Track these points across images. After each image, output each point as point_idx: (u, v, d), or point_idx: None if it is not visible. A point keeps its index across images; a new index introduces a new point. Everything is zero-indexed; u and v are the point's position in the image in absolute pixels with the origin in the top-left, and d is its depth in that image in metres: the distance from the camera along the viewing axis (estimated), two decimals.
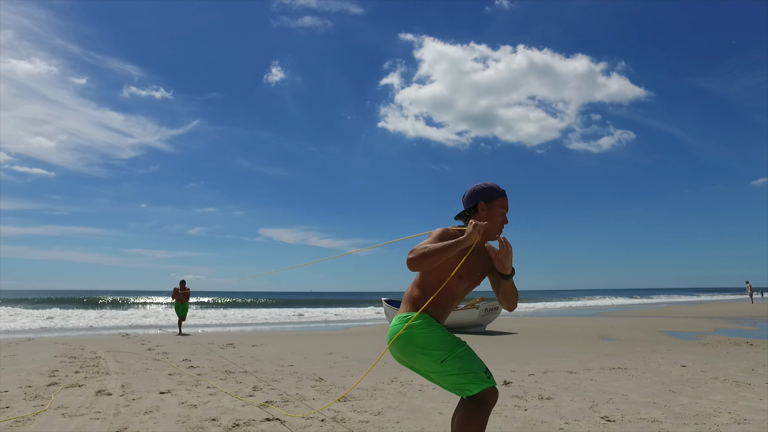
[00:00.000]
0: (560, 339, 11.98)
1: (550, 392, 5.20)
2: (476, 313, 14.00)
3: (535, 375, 6.42)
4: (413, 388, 5.53)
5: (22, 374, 6.49)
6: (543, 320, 20.00)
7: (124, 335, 12.92)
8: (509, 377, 6.21)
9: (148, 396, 5.02)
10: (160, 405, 4.61)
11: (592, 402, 4.70)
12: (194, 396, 5.04)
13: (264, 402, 4.73)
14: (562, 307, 35.50)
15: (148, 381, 5.93)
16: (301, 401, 4.83)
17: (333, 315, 24.95)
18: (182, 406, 4.59)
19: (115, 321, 18.92)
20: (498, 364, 7.52)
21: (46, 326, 16.53)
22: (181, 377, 6.24)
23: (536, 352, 9.22)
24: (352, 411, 4.41)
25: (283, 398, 4.93)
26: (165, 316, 20.90)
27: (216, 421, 4.02)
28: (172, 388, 5.44)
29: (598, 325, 17.04)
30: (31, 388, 5.48)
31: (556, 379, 6.11)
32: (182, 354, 8.77)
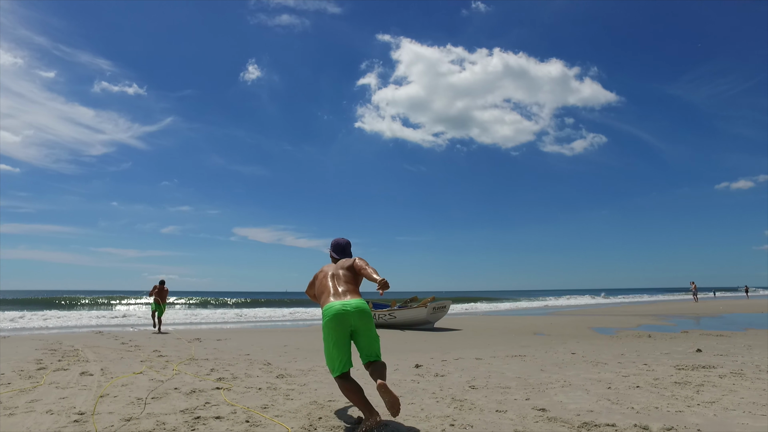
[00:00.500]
0: (495, 335, 13.53)
1: (446, 372, 6.64)
2: (425, 312, 15.46)
3: (448, 361, 7.85)
4: (466, 362, 6.88)
5: (11, 362, 7.59)
6: (492, 319, 21.65)
7: (98, 332, 13.90)
8: (423, 362, 7.63)
9: (123, 375, 6.24)
10: (134, 381, 5.85)
11: (472, 377, 6.15)
12: (162, 375, 6.29)
13: (217, 378, 6.02)
14: (526, 307, 37.43)
15: (123, 366, 7.13)
16: (248, 378, 6.13)
17: (303, 314, 26.10)
18: (152, 381, 5.84)
19: (87, 320, 19.71)
20: (423, 353, 8.95)
21: (17, 326, 17.26)
22: (152, 363, 7.45)
23: (463, 345, 10.71)
24: (285, 384, 5.74)
25: (233, 376, 6.22)
26: (137, 317, 21.74)
27: (177, 390, 5.30)
28: (143, 371, 6.68)
29: (540, 323, 18.73)
30: (24, 372, 6.63)
31: (462, 364, 7.55)
32: (153, 346, 9.93)
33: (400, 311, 15.92)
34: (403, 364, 7.39)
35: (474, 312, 29.89)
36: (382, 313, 16.19)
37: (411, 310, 15.75)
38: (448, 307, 16.47)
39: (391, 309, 16.23)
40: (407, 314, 15.74)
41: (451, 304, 17.09)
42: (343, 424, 3.94)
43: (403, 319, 15.80)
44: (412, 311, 15.70)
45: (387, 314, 16.06)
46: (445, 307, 16.27)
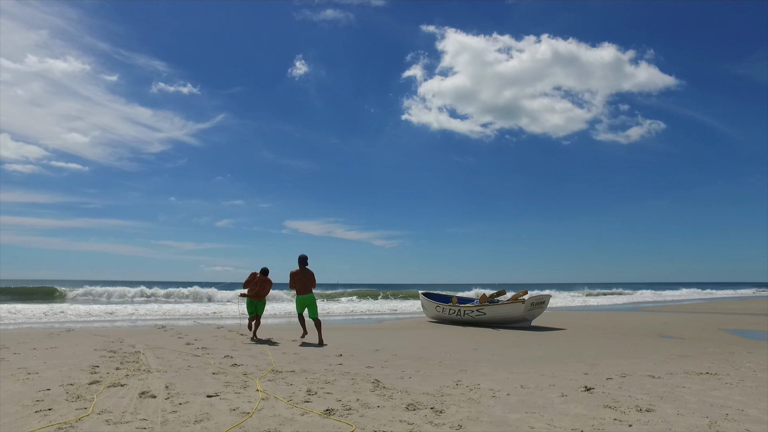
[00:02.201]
0: (615, 336, 11.19)
1: (646, 402, 4.54)
2: (522, 308, 13.29)
3: (614, 379, 5.75)
4: (484, 393, 4.94)
5: (64, 369, 6.18)
6: (580, 315, 19.11)
7: (160, 327, 12.71)
8: (587, 381, 5.56)
9: (195, 400, 4.58)
10: (209, 412, 4.15)
11: (707, 418, 4.03)
12: (245, 401, 4.58)
13: (324, 410, 4.22)
14: (598, 303, 34.28)
15: (192, 381, 5.51)
16: (365, 409, 4.30)
17: (362, 308, 24.53)
18: (234, 413, 4.12)
19: (150, 312, 18.91)
20: (564, 365, 6.86)
21: (86, 316, 16.56)
22: (227, 377, 5.80)
23: (600, 351, 8.51)
24: (427, 423, 3.86)
25: (343, 405, 4.41)
26: (201, 311, 20.82)
27: None
28: (219, 391, 5.00)
29: (649, 320, 16.08)
30: (73, 386, 5.13)
31: (641, 384, 5.42)
32: (223, 349, 8.40)
33: (491, 307, 13.81)
34: (563, 384, 5.35)
35: (554, 306, 27.24)
36: (469, 309, 14.14)
37: (505, 306, 13.61)
38: (548, 303, 14.20)
39: (480, 305, 14.15)
40: (500, 310, 13.62)
41: (551, 298, 14.81)
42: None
43: (495, 316, 13.69)
44: (507, 307, 13.56)
45: (475, 310, 14.00)
46: (545, 303, 14.01)
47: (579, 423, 3.87)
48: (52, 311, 17.27)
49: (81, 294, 31.14)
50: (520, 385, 5.41)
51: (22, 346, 8.46)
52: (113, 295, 30.06)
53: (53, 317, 15.70)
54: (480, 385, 5.37)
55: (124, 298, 29.50)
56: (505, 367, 6.72)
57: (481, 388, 5.20)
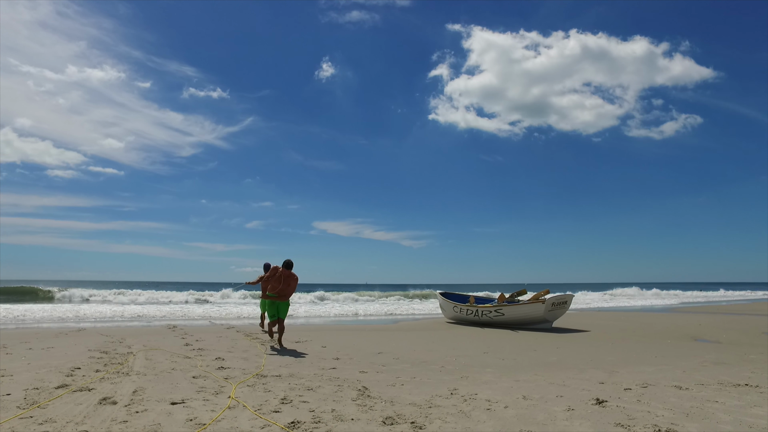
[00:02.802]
0: (643, 339, 10.33)
1: (667, 421, 3.88)
2: (542, 308, 12.53)
3: (633, 390, 5.06)
4: (478, 405, 4.36)
5: (42, 371, 5.91)
6: (614, 316, 18.06)
7: (171, 327, 12.53)
8: (600, 392, 4.90)
9: (155, 408, 4.17)
10: (162, 422, 3.72)
11: None
12: (209, 409, 4.14)
13: (289, 423, 3.73)
14: (632, 304, 32.78)
15: (166, 386, 5.12)
16: (337, 422, 3.79)
17: (385, 308, 24.04)
18: (188, 424, 3.68)
19: (171, 312, 18.92)
20: (578, 372, 6.19)
21: (107, 315, 16.64)
22: (205, 381, 5.40)
23: (622, 356, 7.75)
24: None
25: (314, 417, 3.92)
26: (215, 311, 20.76)
27: None
28: (187, 397, 4.59)
29: (682, 322, 15.00)
30: (37, 391, 4.82)
31: (665, 397, 4.73)
32: (219, 351, 8.04)
33: (510, 307, 13.09)
34: (571, 395, 4.71)
35: (577, 306, 26.06)
36: (486, 309, 13.45)
37: (524, 306, 12.87)
38: (570, 303, 13.37)
39: (498, 304, 13.44)
40: (519, 311, 12.89)
41: (573, 297, 13.95)
42: None
43: (514, 317, 12.96)
44: (526, 307, 12.82)
45: (493, 310, 13.30)
46: (566, 303, 13.19)
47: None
48: (78, 312, 17.44)
49: (111, 295, 31.75)
50: (523, 395, 4.80)
51: (20, 346, 8.31)
52: (141, 297, 30.51)
53: (75, 317, 15.80)
54: (477, 395, 4.79)
55: (153, 298, 29.89)
56: (511, 374, 6.10)
57: (477, 399, 4.62)
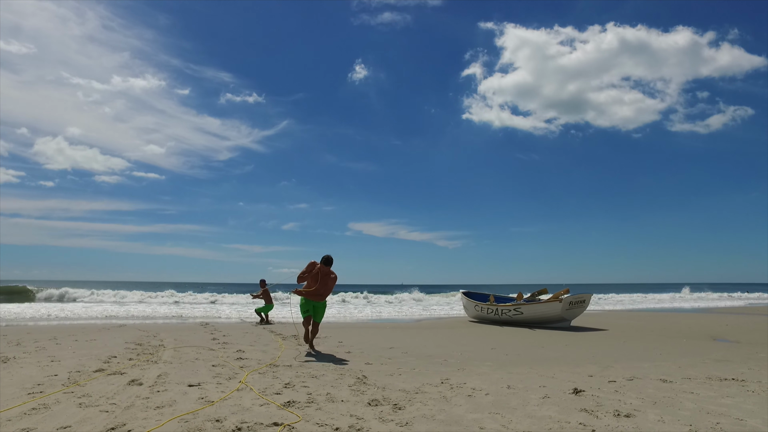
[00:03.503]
0: (658, 338, 10.36)
1: (630, 407, 4.17)
2: (559, 307, 12.66)
3: (618, 382, 5.33)
4: (461, 393, 4.76)
5: (83, 359, 6.67)
6: (637, 316, 17.83)
7: (203, 324, 13.37)
8: (583, 384, 5.19)
9: (174, 389, 4.77)
10: (178, 400, 4.31)
11: (689, 426, 3.63)
12: (220, 391, 4.71)
13: (285, 402, 4.25)
14: (671, 306, 31.90)
15: (187, 372, 5.75)
16: (328, 403, 4.28)
17: (410, 306, 24.42)
18: (199, 401, 4.25)
19: (206, 312, 19.94)
20: (573, 367, 6.46)
21: (147, 314, 17.77)
22: (223, 369, 6.00)
23: (624, 353, 7.92)
24: (376, 419, 3.78)
25: (309, 399, 4.42)
26: (251, 311, 21.68)
27: (220, 422, 3.60)
28: (204, 381, 5.18)
29: (709, 323, 14.73)
30: (78, 373, 5.53)
31: (644, 389, 4.99)
32: (241, 344, 8.69)
33: (528, 306, 13.27)
34: (553, 386, 5.04)
35: (608, 306, 25.66)
36: (506, 308, 13.67)
37: (541, 305, 13.04)
38: (588, 302, 13.43)
39: (517, 303, 13.64)
40: (537, 309, 13.06)
41: (591, 297, 13.98)
42: None
43: (532, 315, 13.14)
44: (543, 306, 12.98)
45: (512, 309, 13.51)
46: (585, 302, 13.26)
47: (537, 426, 3.62)
48: (122, 311, 18.66)
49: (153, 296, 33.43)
50: (508, 385, 5.15)
51: (68, 338, 9.22)
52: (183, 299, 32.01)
53: (119, 315, 16.97)
54: (465, 384, 5.18)
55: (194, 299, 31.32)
56: (507, 367, 6.44)
57: (463, 387, 5.01)
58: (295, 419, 3.71)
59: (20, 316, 15.26)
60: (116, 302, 25.10)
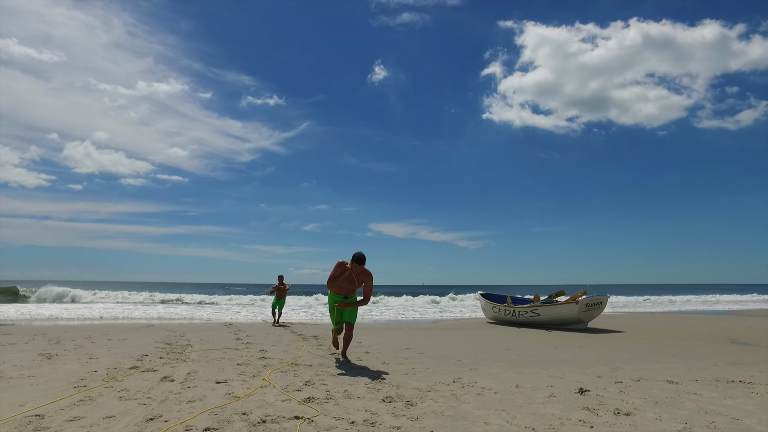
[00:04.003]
0: (674, 340, 10.41)
1: (631, 406, 4.38)
2: (576, 309, 12.77)
3: (624, 383, 5.52)
4: (471, 391, 5.02)
5: (118, 356, 7.14)
6: (658, 318, 17.72)
7: (227, 325, 13.88)
8: (589, 384, 5.40)
9: (203, 385, 5.15)
10: (207, 394, 4.68)
11: (684, 424, 3.83)
12: (245, 387, 5.07)
13: (305, 398, 4.58)
14: (696, 308, 31.40)
15: (214, 370, 6.14)
16: (345, 399, 4.60)
17: (428, 308, 24.64)
18: (227, 397, 4.61)
19: (227, 312, 20.55)
20: (584, 368, 6.65)
21: (172, 315, 18.43)
22: (247, 368, 6.38)
23: (636, 355, 8.05)
24: (389, 414, 4.08)
25: (328, 395, 4.74)
26: None
27: (246, 415, 3.95)
28: (230, 378, 5.56)
29: (731, 325, 14.61)
30: (115, 370, 5.97)
31: (648, 389, 5.17)
32: (264, 344, 9.09)
33: (544, 307, 13.41)
34: (560, 386, 5.26)
35: (621, 309, 25.44)
36: (523, 310, 13.83)
37: (558, 307, 13.16)
38: (605, 304, 13.49)
39: (534, 305, 13.79)
40: (554, 311, 13.19)
41: (609, 299, 14.03)
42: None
43: (549, 317, 13.28)
44: (560, 308, 13.10)
45: (529, 311, 13.66)
46: (601, 304, 13.33)
47: (538, 422, 3.87)
48: (150, 312, 19.38)
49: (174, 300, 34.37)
50: (516, 385, 5.39)
51: (102, 337, 9.78)
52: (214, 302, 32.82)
53: (147, 316, 17.66)
54: (476, 383, 5.43)
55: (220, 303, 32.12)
56: (518, 368, 6.66)
57: (474, 386, 5.27)
58: (314, 413, 4.03)
59: (55, 316, 16.06)
60: (142, 303, 26.00)
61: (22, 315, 16.37)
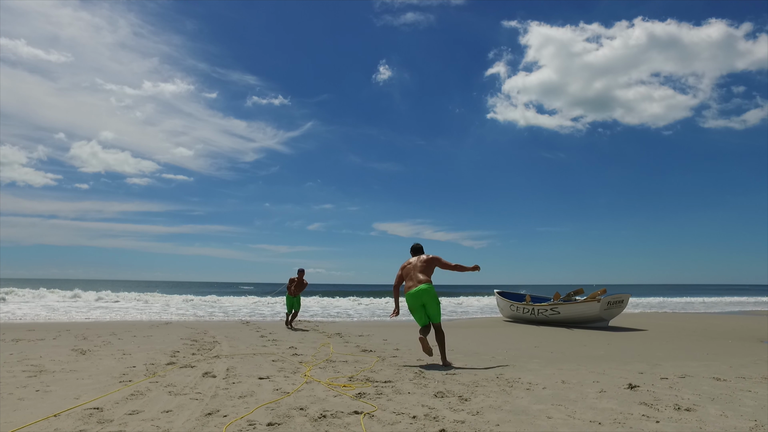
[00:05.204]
0: (702, 339, 10.31)
1: (690, 402, 4.30)
2: (597, 307, 12.67)
3: (670, 379, 5.44)
4: (519, 386, 4.96)
5: (151, 353, 7.11)
6: (678, 317, 17.61)
7: (245, 322, 13.84)
8: (636, 380, 5.32)
9: (247, 381, 5.11)
10: (255, 390, 4.63)
11: (754, 421, 3.75)
12: (290, 383, 5.02)
13: (356, 394, 4.53)
14: (711, 310, 31.21)
15: (251, 366, 6.10)
16: (396, 394, 4.54)
17: (452, 307, 24.55)
18: (276, 392, 4.56)
19: (239, 309, 20.53)
20: (622, 364, 6.57)
21: (183, 312, 18.42)
22: (283, 364, 6.33)
23: (670, 353, 7.97)
24: (447, 408, 4.02)
25: (377, 391, 4.69)
26: (282, 306, 22.20)
27: (304, 410, 3.89)
28: (271, 374, 5.51)
29: (754, 324, 14.48)
30: (153, 365, 5.93)
31: (698, 386, 5.09)
32: (290, 341, 9.05)
33: (565, 306, 13.32)
34: (606, 382, 5.19)
35: (637, 309, 25.29)
36: (542, 308, 13.73)
37: (580, 305, 13.06)
38: (627, 302, 13.39)
39: (554, 303, 13.70)
40: (575, 309, 13.09)
41: (630, 298, 13.92)
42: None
43: (570, 315, 13.18)
44: (582, 306, 13.00)
45: (548, 309, 13.57)
46: (623, 302, 13.23)
47: (601, 416, 3.80)
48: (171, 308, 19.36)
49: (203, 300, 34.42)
50: (562, 380, 5.32)
51: (126, 334, 9.76)
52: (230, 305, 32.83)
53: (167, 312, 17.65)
54: (520, 379, 5.37)
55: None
56: (556, 364, 6.59)
57: (519, 382, 5.21)
58: (372, 408, 3.97)
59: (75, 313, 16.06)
60: (146, 302, 26.02)
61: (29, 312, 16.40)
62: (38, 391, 4.46)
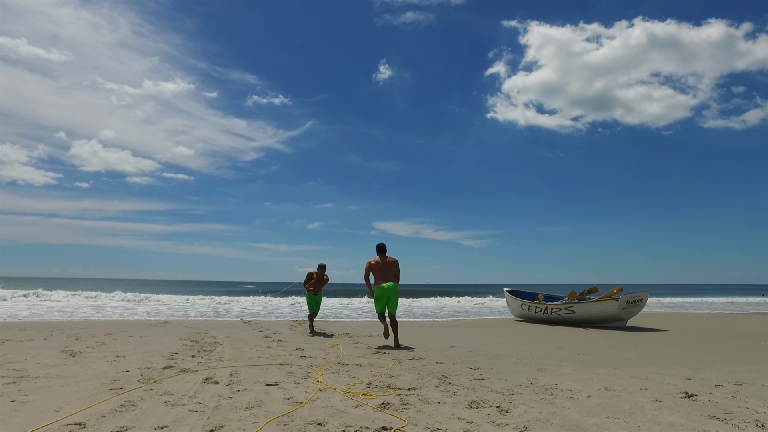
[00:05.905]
0: (729, 340, 9.73)
1: (758, 413, 3.73)
2: (616, 306, 12.10)
3: (726, 387, 4.87)
4: (560, 394, 4.39)
5: (147, 354, 6.54)
6: (694, 316, 17.03)
7: (246, 322, 13.27)
8: (688, 387, 4.76)
9: (253, 388, 4.54)
10: (263, 400, 4.06)
11: None
12: (302, 391, 4.45)
13: (379, 404, 3.96)
14: (717, 304, 30.65)
15: (257, 370, 5.53)
16: (424, 404, 3.97)
17: (444, 306, 24.00)
18: (287, 402, 3.99)
19: (240, 309, 19.96)
20: (661, 368, 6.00)
21: (183, 312, 17.85)
22: (292, 368, 5.76)
23: (707, 355, 7.39)
24: (488, 422, 3.45)
25: (401, 400, 4.12)
26: (286, 306, 21.60)
27: (322, 426, 3.32)
28: (280, 380, 4.94)
29: None
30: (149, 370, 5.37)
31: (763, 395, 4.52)
32: (297, 342, 8.48)
33: (581, 305, 12.74)
34: (656, 389, 4.62)
35: (651, 308, 24.71)
36: (556, 307, 13.16)
37: (596, 304, 12.49)
38: (645, 301, 12.81)
39: (569, 302, 13.12)
40: (592, 308, 12.52)
41: (649, 297, 13.35)
42: None
43: (586, 314, 12.61)
44: (599, 305, 12.43)
45: (563, 308, 13.00)
46: (642, 301, 12.65)
47: None
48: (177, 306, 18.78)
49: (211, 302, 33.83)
50: (605, 387, 4.76)
51: (122, 334, 9.19)
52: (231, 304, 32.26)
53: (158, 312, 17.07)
54: (557, 386, 4.80)
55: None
56: (589, 368, 6.02)
57: (558, 389, 4.64)
58: (401, 423, 3.41)
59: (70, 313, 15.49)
60: (146, 300, 25.45)
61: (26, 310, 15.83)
62: (13, 401, 3.89)
